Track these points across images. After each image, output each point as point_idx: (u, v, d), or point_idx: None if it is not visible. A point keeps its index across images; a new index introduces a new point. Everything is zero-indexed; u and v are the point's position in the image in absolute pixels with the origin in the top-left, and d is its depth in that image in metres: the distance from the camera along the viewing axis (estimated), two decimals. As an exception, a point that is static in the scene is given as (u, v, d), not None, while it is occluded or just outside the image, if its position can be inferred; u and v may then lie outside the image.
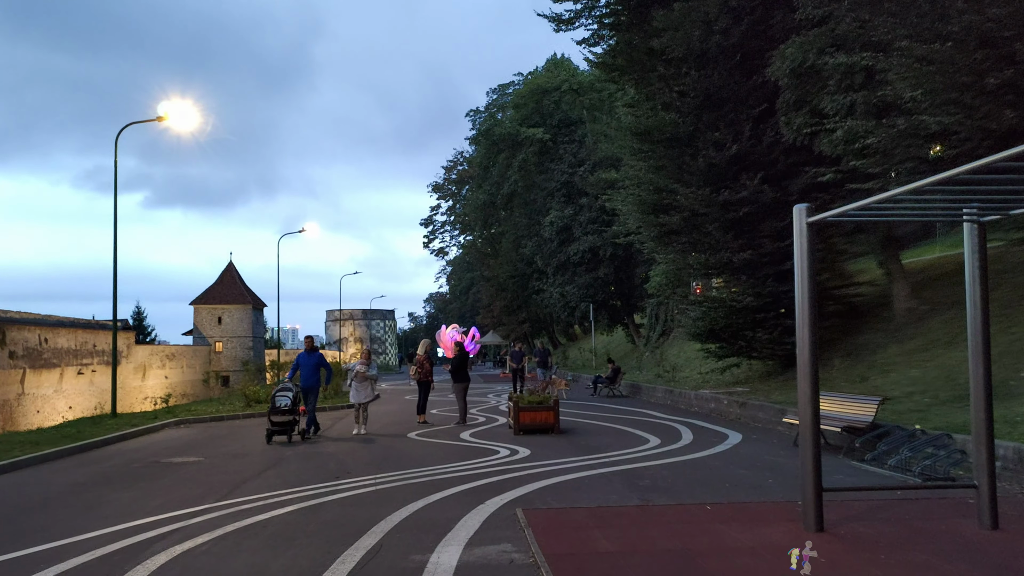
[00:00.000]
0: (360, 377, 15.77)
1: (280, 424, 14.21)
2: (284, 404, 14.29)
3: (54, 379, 43.28)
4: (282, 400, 14.35)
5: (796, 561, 5.26)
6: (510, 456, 11.58)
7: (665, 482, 9.05)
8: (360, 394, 15.70)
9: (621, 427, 15.43)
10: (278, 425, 14.21)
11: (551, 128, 46.47)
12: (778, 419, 14.44)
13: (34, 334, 41.92)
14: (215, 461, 12.03)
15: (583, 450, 12.04)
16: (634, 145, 21.25)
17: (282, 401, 14.34)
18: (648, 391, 24.13)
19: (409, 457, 11.87)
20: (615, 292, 41.98)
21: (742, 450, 11.66)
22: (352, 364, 16.59)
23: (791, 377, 19.79)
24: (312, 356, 15.65)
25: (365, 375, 15.80)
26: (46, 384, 42.60)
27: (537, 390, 15.85)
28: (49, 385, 42.90)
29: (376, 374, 16.29)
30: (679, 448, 12.05)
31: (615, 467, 10.24)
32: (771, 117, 19.14)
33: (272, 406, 14.42)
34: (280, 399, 14.38)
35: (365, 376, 15.80)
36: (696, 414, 17.93)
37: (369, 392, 15.83)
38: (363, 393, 15.70)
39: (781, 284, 19.64)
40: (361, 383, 15.75)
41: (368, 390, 15.81)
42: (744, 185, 19.11)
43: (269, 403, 14.81)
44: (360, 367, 15.95)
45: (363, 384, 15.76)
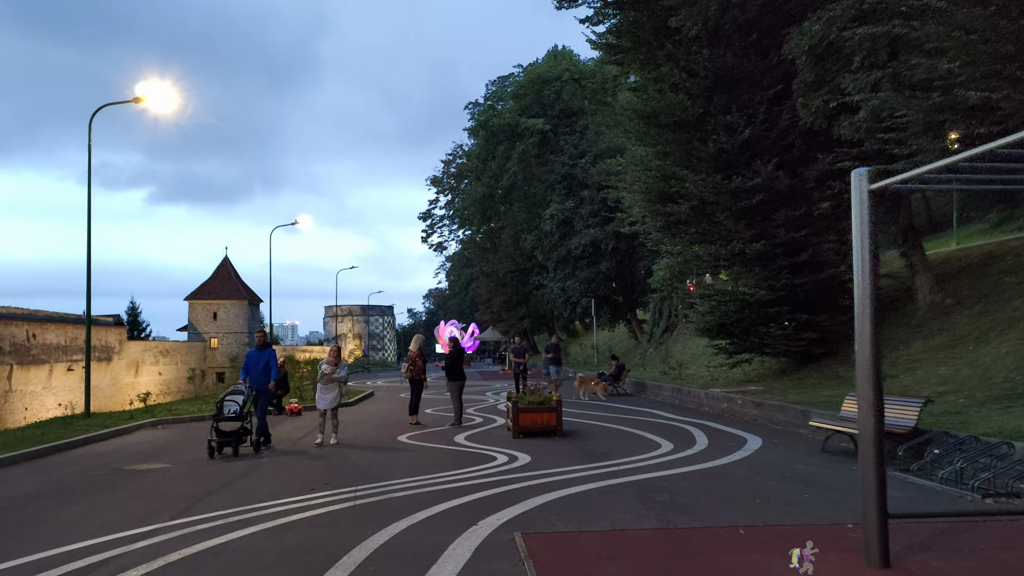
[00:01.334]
0: (326, 380, 13.60)
1: (227, 434, 12.11)
2: (233, 410, 12.29)
3: (43, 376, 42.20)
4: (230, 405, 12.39)
5: (797, 560, 5.15)
6: (508, 463, 10.46)
7: (685, 497, 7.93)
8: (326, 399, 13.52)
9: (628, 429, 14.31)
10: (224, 435, 12.10)
11: (551, 119, 45.28)
12: (800, 421, 13.32)
13: (21, 329, 40.80)
14: (183, 468, 10.91)
15: (589, 456, 10.92)
16: (640, 129, 20.10)
17: (230, 406, 12.36)
18: (654, 389, 23.02)
19: (397, 464, 10.75)
20: (617, 287, 40.85)
21: (765, 457, 10.54)
22: (319, 364, 14.18)
23: (806, 375, 18.69)
24: (263, 354, 13.46)
25: (332, 377, 13.59)
26: (34, 381, 41.50)
27: (540, 390, 14.65)
28: (38, 382, 41.81)
29: (345, 375, 14.11)
30: (695, 454, 10.92)
31: (626, 477, 9.12)
32: (787, 99, 18.00)
33: (217, 412, 12.34)
34: (228, 404, 12.44)
35: (332, 378, 13.60)
36: (707, 415, 16.81)
37: (337, 396, 13.59)
38: (329, 397, 13.49)
39: (796, 276, 18.54)
40: (327, 386, 13.56)
41: (335, 394, 13.58)
42: (757, 171, 17.99)
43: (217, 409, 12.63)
44: (326, 367, 13.70)
45: (329, 387, 13.57)
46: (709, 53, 18.03)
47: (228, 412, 12.27)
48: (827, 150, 17.65)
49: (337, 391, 13.57)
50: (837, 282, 19.35)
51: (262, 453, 12.52)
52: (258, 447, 12.64)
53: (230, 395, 12.77)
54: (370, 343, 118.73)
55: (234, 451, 12.11)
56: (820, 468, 9.55)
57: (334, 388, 13.52)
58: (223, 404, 12.42)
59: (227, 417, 12.23)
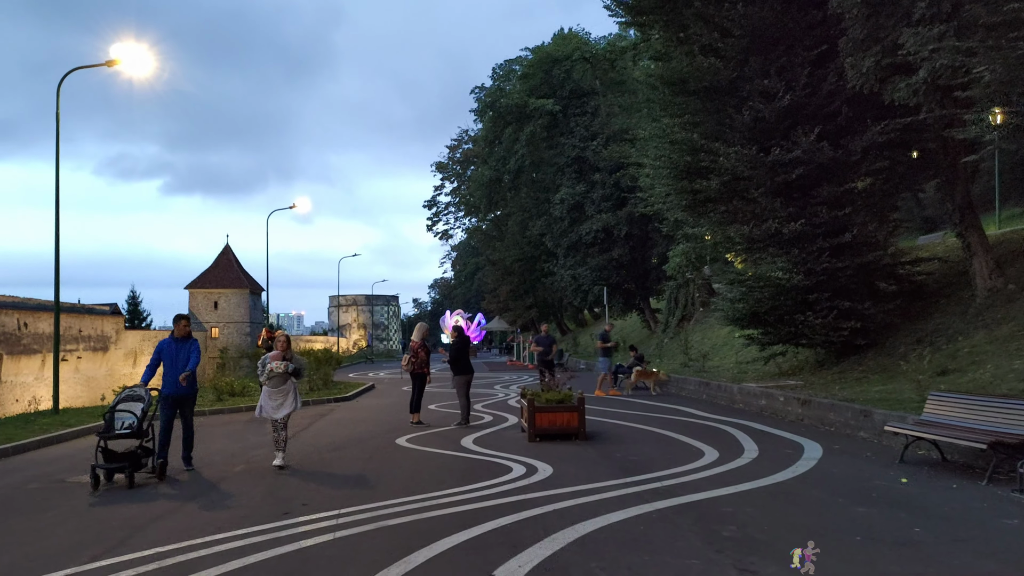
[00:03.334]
0: (276, 381, 9.94)
1: (119, 457, 8.96)
2: (128, 423, 8.99)
3: (35, 366, 40.71)
4: (124, 418, 9.06)
5: (798, 560, 5.10)
6: (526, 476, 8.71)
7: (760, 530, 6.15)
8: (272, 403, 9.93)
9: (660, 431, 12.54)
10: (115, 458, 8.94)
11: (561, 99, 43.29)
12: (859, 423, 11.53)
13: (12, 318, 39.24)
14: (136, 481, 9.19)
15: (622, 468, 9.15)
16: (665, 98, 18.25)
17: (124, 419, 9.04)
18: (677, 383, 21.22)
19: (392, 476, 9.00)
20: (630, 274, 39.03)
21: (835, 470, 8.76)
22: (262, 359, 10.25)
23: (848, 368, 16.89)
24: (183, 346, 9.91)
25: (284, 372, 9.95)
26: (26, 371, 40.00)
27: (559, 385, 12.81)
28: (29, 372, 40.32)
29: (301, 367, 10.39)
30: (748, 466, 9.15)
31: (674, 499, 7.34)
32: (832, 60, 16.14)
33: (106, 427, 9.07)
34: (121, 415, 9.09)
35: (286, 376, 9.98)
36: (744, 413, 15.04)
37: (291, 401, 10.06)
38: (277, 401, 9.93)
39: (838, 259, 16.71)
40: (276, 388, 9.97)
41: (289, 397, 10.04)
42: (797, 142, 16.14)
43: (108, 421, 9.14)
44: (274, 363, 9.96)
45: (278, 389, 9.97)
46: (744, 9, 16.12)
47: (120, 426, 9.02)
48: (877, 118, 15.83)
49: (292, 394, 10.15)
50: (882, 266, 17.54)
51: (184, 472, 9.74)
52: (163, 471, 9.38)
53: (125, 402, 9.27)
54: (375, 333, 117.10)
55: (129, 481, 8.83)
56: (911, 486, 7.76)
57: (288, 389, 10.09)
58: (114, 415, 9.10)
59: (119, 433, 8.95)
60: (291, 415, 10.24)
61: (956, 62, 12.70)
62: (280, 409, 10.01)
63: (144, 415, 9.18)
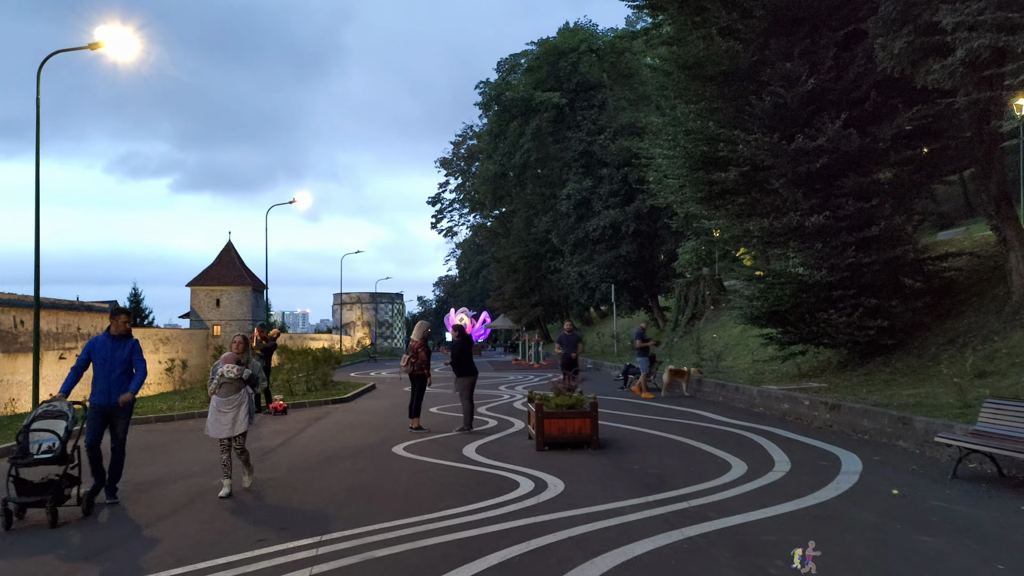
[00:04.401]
0: (227, 389, 8.37)
1: (34, 488, 7.24)
2: (48, 445, 7.30)
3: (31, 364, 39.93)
4: (41, 439, 7.33)
5: (799, 560, 5.04)
6: (534, 494, 7.77)
7: (813, 565, 5.21)
8: (222, 420, 8.31)
9: (678, 438, 11.59)
10: (29, 489, 7.24)
11: (568, 92, 42.35)
12: (896, 431, 10.58)
13: (8, 315, 38.40)
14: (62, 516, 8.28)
15: (642, 483, 8.21)
16: (680, 84, 17.27)
17: (42, 441, 7.32)
18: (691, 384, 20.24)
19: (385, 494, 8.08)
20: (638, 272, 38.06)
21: (882, 486, 7.80)
22: (215, 366, 8.63)
23: (874, 369, 15.92)
24: (120, 345, 8.17)
25: (238, 379, 8.42)
26: (22, 370, 39.11)
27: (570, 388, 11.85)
28: (26, 371, 39.43)
29: (258, 374, 8.72)
30: (783, 481, 8.20)
31: (706, 523, 6.41)
32: (860, 42, 15.18)
33: (18, 451, 7.35)
34: (37, 436, 7.35)
35: (240, 383, 8.42)
36: (765, 418, 14.08)
37: (242, 416, 8.34)
38: (228, 417, 8.30)
39: (864, 254, 15.73)
40: (225, 397, 8.35)
41: (241, 411, 8.35)
42: (821, 129, 15.17)
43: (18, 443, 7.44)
44: (225, 366, 8.47)
45: (228, 399, 8.34)
46: (766, -12, 15.19)
47: (37, 450, 7.27)
48: (908, 103, 14.85)
49: (245, 406, 8.38)
50: (910, 262, 16.57)
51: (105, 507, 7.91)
52: (91, 503, 7.70)
53: (41, 420, 7.44)
54: (379, 331, 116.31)
55: (51, 518, 7.06)
56: (973, 507, 6.82)
57: (240, 400, 8.38)
58: (28, 436, 7.35)
59: (36, 459, 7.26)
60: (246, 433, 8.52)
61: (998, 41, 11.77)
62: (233, 426, 8.30)
63: (69, 435, 7.42)
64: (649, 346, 19.70)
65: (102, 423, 8.09)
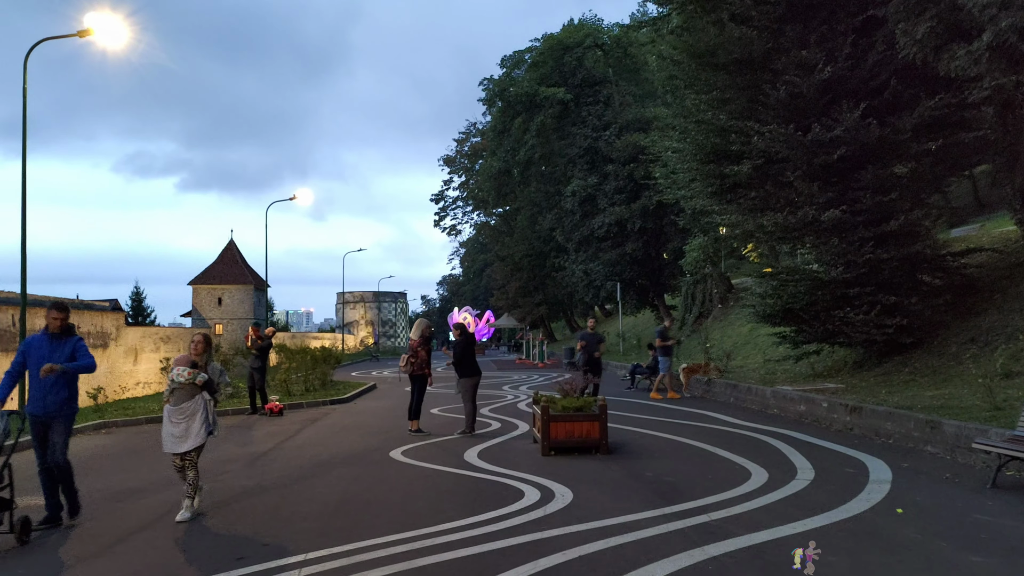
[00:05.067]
0: (181, 396, 7.19)
1: None
2: None
3: (30, 364, 39.43)
4: None
5: (800, 561, 4.98)
6: (541, 505, 7.18)
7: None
8: (173, 432, 7.16)
9: (691, 442, 10.99)
10: None
11: (573, 88, 41.64)
12: (924, 435, 9.96)
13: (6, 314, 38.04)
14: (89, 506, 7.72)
15: (656, 492, 7.62)
16: (691, 73, 16.65)
17: None
18: (701, 385, 19.63)
19: (380, 503, 7.49)
20: (644, 269, 37.43)
21: (917, 497, 7.20)
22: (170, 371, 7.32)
23: (893, 369, 15.31)
24: (60, 345, 7.16)
25: (192, 384, 7.22)
26: (21, 369, 38.83)
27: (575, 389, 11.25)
28: (24, 370, 39.12)
29: (216, 380, 7.53)
30: (807, 491, 7.59)
31: (730, 540, 5.81)
32: (879, 27, 14.56)
33: None
34: None
35: (195, 389, 7.24)
36: (781, 420, 13.47)
37: (196, 428, 7.15)
38: (179, 427, 7.14)
39: (882, 250, 15.12)
40: (177, 406, 7.19)
41: (195, 422, 7.16)
42: (838, 120, 14.55)
43: None
44: (177, 369, 7.27)
45: (179, 408, 7.18)
46: (781, -28, 14.58)
47: None
48: (931, 92, 14.23)
49: (200, 416, 7.17)
50: (929, 258, 15.93)
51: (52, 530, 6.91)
52: (27, 528, 6.53)
53: None
54: (382, 330, 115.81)
55: None
56: (1021, 521, 6.21)
57: (194, 409, 7.16)
58: None
59: None
60: (201, 448, 7.27)
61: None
62: (183, 440, 7.06)
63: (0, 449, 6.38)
64: (671, 345, 18.78)
65: (41, 438, 7.05)
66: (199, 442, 7.19)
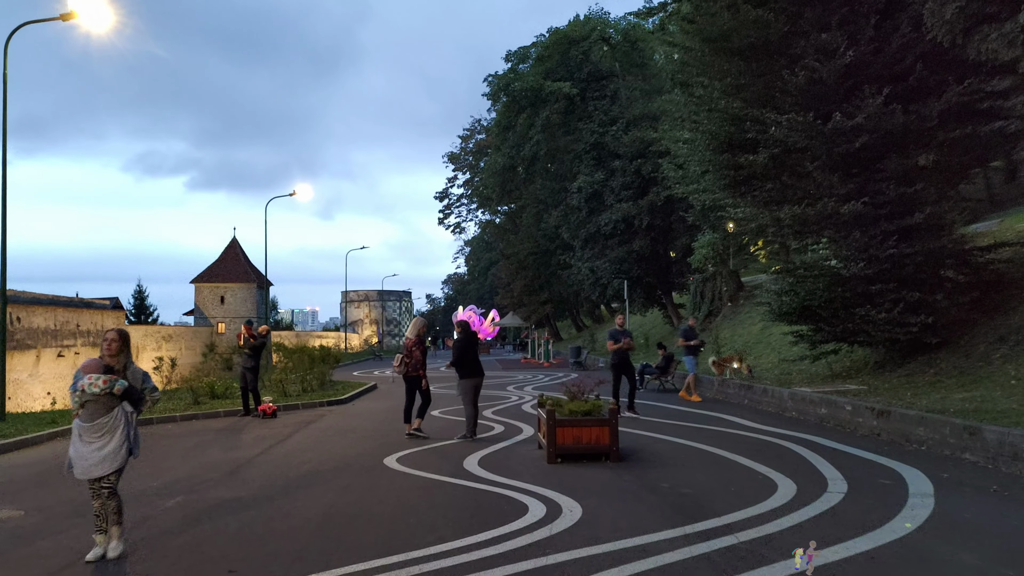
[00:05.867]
0: (93, 411, 5.76)
1: None
2: None
3: (29, 362, 38.87)
4: None
5: (800, 561, 4.90)
6: (546, 522, 6.43)
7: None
8: (84, 453, 5.76)
9: (708, 448, 10.23)
10: None
11: (579, 82, 40.84)
12: (959, 441, 9.20)
13: (5, 313, 37.54)
14: (31, 523, 6.99)
15: (674, 507, 6.86)
16: (704, 59, 15.87)
17: None
18: (714, 385, 18.86)
19: (368, 519, 6.75)
20: (651, 267, 36.65)
21: (967, 514, 6.43)
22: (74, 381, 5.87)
23: (917, 370, 14.52)
24: None
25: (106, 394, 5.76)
26: (19, 368, 38.16)
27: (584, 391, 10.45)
28: (23, 369, 38.49)
29: (139, 388, 6.04)
30: (843, 506, 6.82)
31: (764, 568, 5.05)
32: (903, 9, 13.77)
33: None
34: None
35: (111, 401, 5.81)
36: (801, 424, 12.70)
37: (114, 448, 5.78)
38: (93, 450, 5.75)
39: (906, 244, 14.34)
40: (90, 422, 5.76)
41: (113, 440, 5.78)
42: (860, 107, 13.77)
43: None
44: (88, 377, 5.76)
45: (93, 424, 5.76)
46: (800, -50, 13.80)
47: None
48: (959, 77, 13.43)
49: (120, 433, 5.80)
50: (954, 253, 15.14)
51: None
52: None
53: None
54: (386, 329, 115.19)
55: None
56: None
57: (112, 426, 5.78)
58: None
59: None
60: (121, 472, 5.92)
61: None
62: (100, 463, 5.73)
63: None
64: (696, 345, 17.66)
65: None
66: (119, 464, 5.83)
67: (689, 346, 17.40)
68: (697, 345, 17.60)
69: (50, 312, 42.18)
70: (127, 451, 5.89)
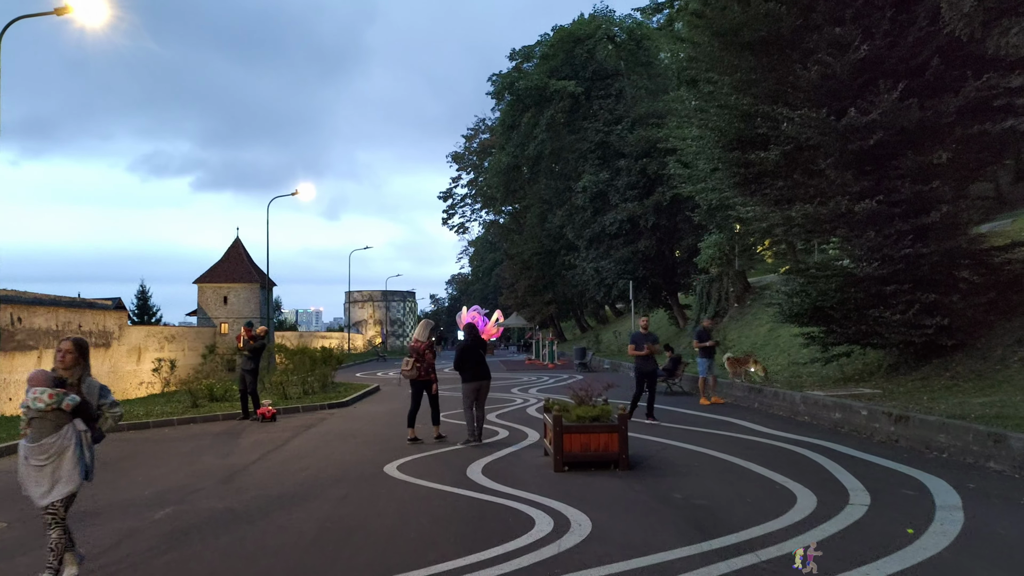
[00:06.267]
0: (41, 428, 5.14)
1: None
2: None
3: (30, 363, 38.59)
4: None
5: (800, 560, 4.87)
6: (553, 538, 6.07)
7: None
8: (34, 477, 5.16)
9: (721, 456, 9.86)
10: None
11: (584, 81, 40.50)
12: (983, 449, 8.82)
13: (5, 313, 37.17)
14: (11, 538, 6.66)
15: (689, 521, 6.49)
16: (713, 54, 15.51)
17: None
18: (721, 388, 18.47)
19: (365, 533, 6.40)
20: (656, 267, 36.26)
21: (1001, 529, 6.06)
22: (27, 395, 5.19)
23: (932, 373, 14.14)
24: None
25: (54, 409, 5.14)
26: (20, 369, 37.90)
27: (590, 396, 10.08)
28: (24, 370, 38.23)
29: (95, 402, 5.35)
30: (867, 520, 6.45)
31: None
32: (919, 3, 13.39)
33: None
34: None
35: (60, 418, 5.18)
36: (814, 429, 12.32)
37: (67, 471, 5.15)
38: (45, 473, 5.12)
39: (921, 243, 13.96)
40: (37, 442, 5.14)
41: (65, 462, 5.15)
42: (874, 102, 13.39)
43: None
44: (35, 393, 5.13)
45: (42, 444, 5.13)
46: (813, -58, 13.42)
47: None
48: (977, 72, 13.04)
49: (71, 454, 5.17)
50: (970, 253, 14.75)
51: None
52: None
53: None
54: (390, 329, 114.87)
55: None
56: None
57: (62, 446, 5.17)
58: None
59: None
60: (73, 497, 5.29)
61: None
62: (49, 490, 5.12)
63: None
64: (711, 347, 16.94)
65: None
66: (69, 489, 5.17)
67: (704, 347, 16.74)
68: (712, 346, 16.92)
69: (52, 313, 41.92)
70: (81, 475, 5.22)
